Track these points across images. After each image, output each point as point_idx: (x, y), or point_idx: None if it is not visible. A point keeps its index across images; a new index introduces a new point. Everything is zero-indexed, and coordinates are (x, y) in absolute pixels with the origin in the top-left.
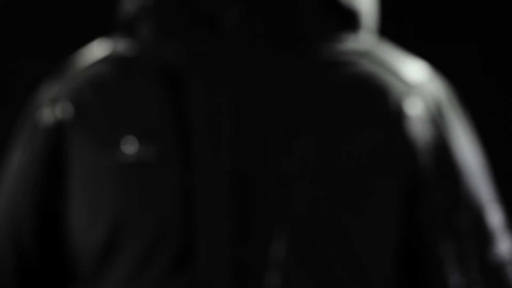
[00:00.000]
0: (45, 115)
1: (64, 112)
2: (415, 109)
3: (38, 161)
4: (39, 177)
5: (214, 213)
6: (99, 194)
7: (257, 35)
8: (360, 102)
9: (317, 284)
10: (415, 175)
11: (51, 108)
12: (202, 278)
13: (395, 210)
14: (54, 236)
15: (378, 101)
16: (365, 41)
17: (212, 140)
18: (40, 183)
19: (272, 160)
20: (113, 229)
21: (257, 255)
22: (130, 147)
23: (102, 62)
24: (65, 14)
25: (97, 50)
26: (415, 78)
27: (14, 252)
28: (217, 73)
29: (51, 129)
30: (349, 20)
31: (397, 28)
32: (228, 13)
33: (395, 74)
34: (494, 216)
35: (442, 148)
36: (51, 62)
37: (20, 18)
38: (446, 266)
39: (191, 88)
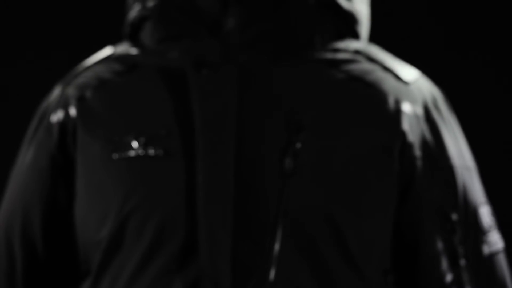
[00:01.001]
0: (54, 114)
1: (72, 111)
2: (412, 107)
3: (47, 158)
4: (48, 174)
5: (215, 210)
6: (104, 191)
7: (257, 36)
8: (358, 100)
9: (317, 284)
10: (411, 172)
11: (60, 107)
12: (204, 274)
13: (392, 207)
14: (63, 231)
15: (375, 98)
16: (362, 42)
17: (213, 139)
18: (49, 180)
19: (273, 159)
20: (117, 225)
21: (258, 252)
22: (134, 145)
23: (107, 63)
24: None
25: (103, 53)
26: (410, 77)
27: (23, 247)
28: (218, 73)
29: (60, 127)
30: (348, 22)
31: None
32: (229, 15)
33: (392, 73)
34: (486, 212)
35: (437, 145)
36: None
37: (24, 21)
38: (441, 263)
39: (193, 88)
